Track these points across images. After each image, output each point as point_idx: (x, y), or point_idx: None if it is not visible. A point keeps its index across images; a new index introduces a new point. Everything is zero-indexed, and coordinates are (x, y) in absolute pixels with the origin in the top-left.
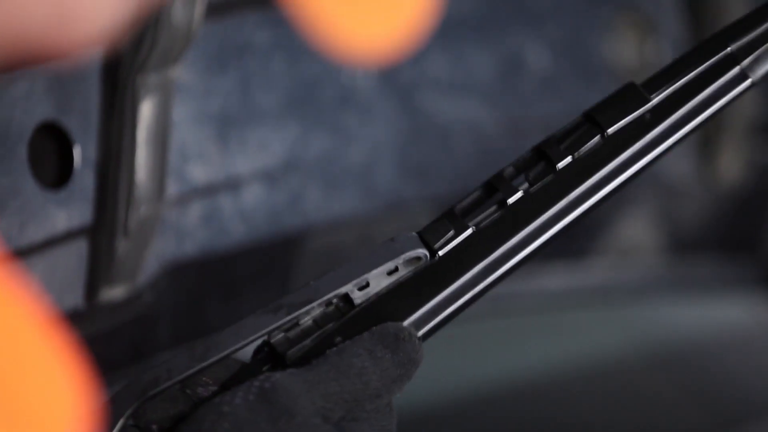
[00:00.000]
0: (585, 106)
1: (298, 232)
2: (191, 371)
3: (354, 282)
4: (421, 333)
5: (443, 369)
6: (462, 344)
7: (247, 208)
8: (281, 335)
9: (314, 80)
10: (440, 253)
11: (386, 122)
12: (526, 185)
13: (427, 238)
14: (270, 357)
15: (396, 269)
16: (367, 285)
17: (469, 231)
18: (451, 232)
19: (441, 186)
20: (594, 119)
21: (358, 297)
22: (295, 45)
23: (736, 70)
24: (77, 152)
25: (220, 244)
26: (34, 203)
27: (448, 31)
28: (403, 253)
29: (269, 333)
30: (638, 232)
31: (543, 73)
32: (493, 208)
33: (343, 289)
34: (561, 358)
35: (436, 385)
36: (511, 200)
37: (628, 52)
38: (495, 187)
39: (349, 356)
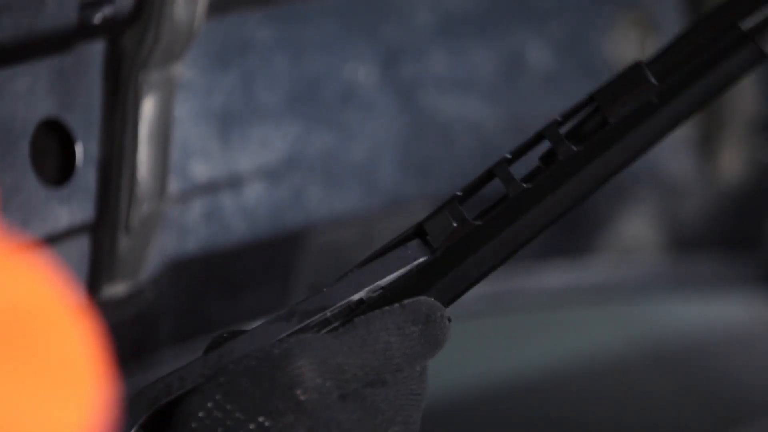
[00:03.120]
0: None
1: (300, 229)
2: (204, 379)
3: (367, 289)
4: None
5: (444, 366)
6: (463, 341)
7: (248, 205)
8: None
9: (316, 77)
10: (442, 248)
11: (388, 120)
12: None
13: (429, 230)
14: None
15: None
16: (380, 291)
17: (472, 225)
18: (454, 225)
19: (442, 183)
20: (598, 104)
21: None
22: (296, 42)
23: (750, 48)
24: (79, 149)
25: (221, 241)
26: (36, 200)
27: (450, 29)
28: (415, 260)
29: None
30: (639, 229)
31: (544, 71)
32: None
33: (355, 297)
34: (562, 355)
35: (437, 381)
36: (512, 192)
37: (630, 50)
38: (495, 175)
39: (377, 329)
